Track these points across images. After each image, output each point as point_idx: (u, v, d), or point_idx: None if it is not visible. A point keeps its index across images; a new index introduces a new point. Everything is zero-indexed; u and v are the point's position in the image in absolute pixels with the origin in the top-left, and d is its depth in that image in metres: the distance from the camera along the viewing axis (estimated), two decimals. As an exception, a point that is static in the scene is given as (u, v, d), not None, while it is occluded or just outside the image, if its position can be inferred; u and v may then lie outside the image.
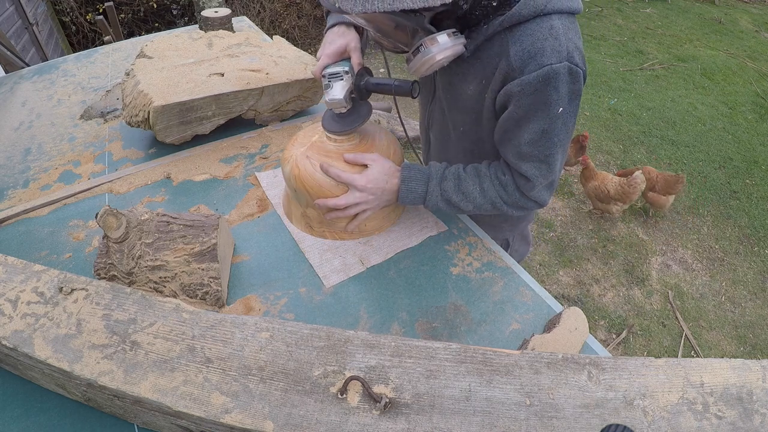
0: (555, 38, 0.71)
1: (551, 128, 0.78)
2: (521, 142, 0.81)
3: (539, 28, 0.72)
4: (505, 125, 0.82)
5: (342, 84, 0.83)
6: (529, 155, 0.82)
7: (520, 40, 0.73)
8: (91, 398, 0.64)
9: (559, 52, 0.71)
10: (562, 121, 0.78)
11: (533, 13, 0.72)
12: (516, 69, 0.74)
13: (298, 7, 4.57)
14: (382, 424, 0.54)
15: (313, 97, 1.30)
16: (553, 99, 0.74)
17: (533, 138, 0.79)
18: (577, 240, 2.68)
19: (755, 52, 4.95)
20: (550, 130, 0.78)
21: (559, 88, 0.73)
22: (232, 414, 0.54)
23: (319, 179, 0.86)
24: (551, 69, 0.71)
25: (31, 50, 3.40)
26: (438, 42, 0.72)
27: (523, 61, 0.73)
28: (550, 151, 0.81)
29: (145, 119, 1.08)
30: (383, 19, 0.73)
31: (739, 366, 0.59)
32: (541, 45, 0.71)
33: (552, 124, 0.77)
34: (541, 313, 0.84)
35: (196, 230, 0.79)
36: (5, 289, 0.68)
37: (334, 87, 0.83)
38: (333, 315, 0.82)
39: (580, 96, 0.78)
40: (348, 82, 0.83)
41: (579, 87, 0.76)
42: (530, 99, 0.75)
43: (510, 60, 0.74)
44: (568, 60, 0.72)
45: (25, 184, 1.07)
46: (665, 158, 3.32)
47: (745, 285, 2.47)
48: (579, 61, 0.74)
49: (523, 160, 0.83)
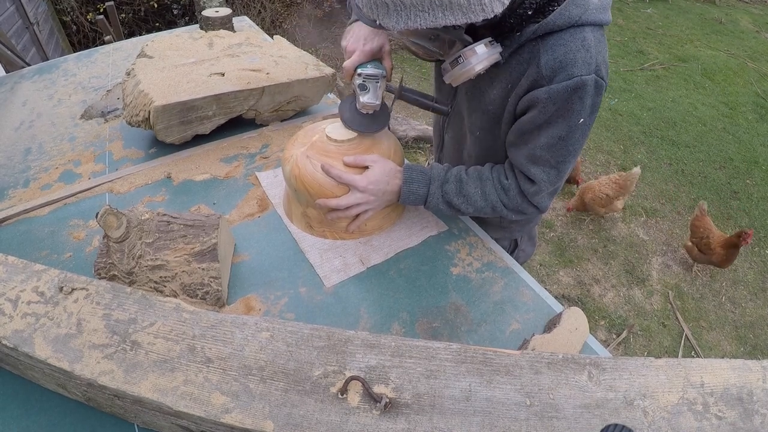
0: (587, 50, 0.72)
1: (569, 136, 0.79)
2: (537, 145, 0.81)
3: (572, 39, 0.72)
4: (523, 128, 0.82)
5: (378, 87, 0.84)
6: (542, 159, 0.82)
7: (552, 49, 0.73)
8: (91, 398, 0.64)
9: (589, 64, 0.72)
10: (581, 131, 0.79)
11: (567, 23, 0.72)
12: (545, 77, 0.74)
13: (298, 7, 4.57)
14: (382, 424, 0.54)
15: (314, 96, 1.30)
16: (577, 109, 0.75)
17: (550, 143, 0.80)
18: (578, 240, 2.68)
19: (756, 52, 4.95)
20: (568, 138, 0.79)
21: (584, 99, 0.74)
22: (232, 414, 0.54)
23: (320, 179, 0.86)
24: (580, 80, 0.72)
25: (32, 50, 3.41)
26: (477, 53, 0.73)
27: (554, 70, 0.73)
28: (563, 158, 0.82)
29: (145, 119, 1.08)
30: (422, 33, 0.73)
31: (739, 366, 0.59)
32: (573, 56, 0.72)
33: (571, 132, 0.78)
34: (541, 313, 0.84)
35: (197, 230, 0.79)
36: (5, 288, 0.68)
37: (370, 90, 0.83)
38: (333, 315, 0.81)
39: (598, 109, 0.79)
40: (383, 86, 0.84)
41: (600, 100, 0.77)
42: (555, 107, 0.75)
43: (540, 67, 0.74)
44: (596, 73, 0.73)
45: (26, 184, 1.07)
46: (665, 158, 3.32)
47: (745, 285, 2.47)
48: (604, 75, 0.75)
49: (534, 164, 0.83)
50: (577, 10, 0.72)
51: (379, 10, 0.64)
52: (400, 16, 0.63)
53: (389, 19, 0.64)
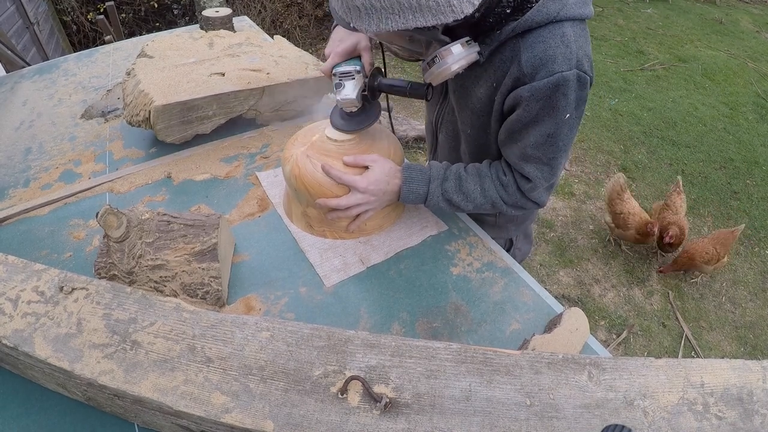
0: (566, 46, 0.72)
1: (557, 133, 0.79)
2: (527, 144, 0.81)
3: (551, 36, 0.72)
4: (511, 127, 0.83)
5: (354, 83, 0.83)
6: (534, 157, 0.82)
7: (531, 46, 0.74)
8: (91, 397, 0.64)
9: (569, 59, 0.72)
10: (568, 126, 0.79)
11: (546, 19, 0.72)
12: (527, 75, 0.75)
13: (299, 7, 4.57)
14: (382, 424, 0.54)
15: (314, 96, 1.30)
16: (562, 105, 0.75)
17: (539, 141, 0.80)
18: (578, 240, 2.68)
19: (756, 52, 4.94)
20: (556, 135, 0.79)
21: (568, 95, 0.74)
22: (232, 413, 0.54)
23: (320, 178, 0.86)
24: (561, 77, 0.72)
25: (32, 50, 3.41)
26: (452, 53, 0.74)
27: (534, 67, 0.74)
28: (554, 155, 0.82)
29: (145, 119, 1.08)
30: (397, 35, 0.74)
31: (739, 366, 0.59)
32: (553, 53, 0.72)
33: (558, 129, 0.78)
34: (541, 313, 0.84)
35: (197, 230, 0.79)
36: (6, 288, 0.68)
37: (345, 86, 0.83)
38: (333, 315, 0.81)
39: (585, 102, 0.79)
40: (360, 81, 0.84)
41: (586, 93, 0.77)
42: (539, 104, 0.76)
43: (521, 66, 0.75)
44: (577, 67, 0.73)
45: (26, 184, 1.07)
46: (666, 159, 3.32)
47: (745, 285, 2.47)
48: (587, 68, 0.75)
49: (526, 162, 0.84)
50: (555, 5, 0.72)
51: (352, 13, 0.66)
52: (372, 19, 0.64)
53: (362, 22, 0.66)
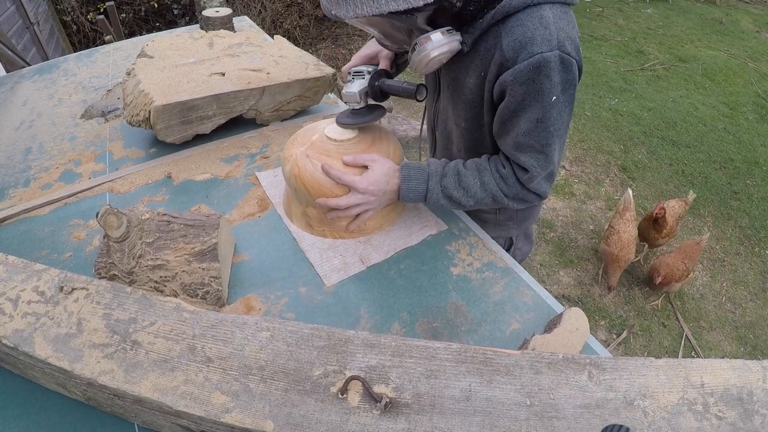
0: (545, 27, 0.72)
1: (546, 117, 0.79)
2: (518, 132, 0.81)
3: (529, 18, 0.73)
4: (502, 116, 0.83)
5: (361, 81, 0.89)
6: (527, 146, 0.82)
7: (511, 30, 0.74)
8: (91, 397, 0.64)
9: (549, 41, 0.72)
10: (557, 110, 0.78)
11: (523, 3, 0.73)
12: (509, 59, 0.75)
13: (299, 7, 4.57)
14: (382, 424, 0.54)
15: (314, 96, 1.30)
16: (546, 87, 0.75)
17: (529, 128, 0.80)
18: (578, 240, 2.68)
19: (756, 52, 4.94)
20: (545, 119, 0.79)
21: (551, 77, 0.74)
22: (232, 413, 0.54)
23: (319, 178, 0.86)
24: (542, 57, 0.72)
25: (32, 50, 3.41)
26: (432, 40, 0.75)
27: (515, 51, 0.74)
28: (547, 141, 0.82)
29: (146, 118, 1.08)
30: (378, 22, 0.77)
31: (739, 366, 0.59)
32: (531, 34, 0.73)
33: (547, 113, 0.78)
34: (541, 313, 0.84)
35: (197, 230, 0.79)
36: (6, 288, 0.68)
37: (353, 83, 0.90)
38: (333, 315, 0.81)
39: (574, 86, 0.78)
40: (367, 81, 0.89)
41: (573, 77, 0.77)
42: (523, 88, 0.76)
43: (503, 51, 0.76)
44: (558, 49, 0.73)
45: (26, 184, 1.07)
46: (666, 159, 3.32)
47: (745, 285, 2.47)
48: (571, 51, 0.75)
49: (521, 152, 0.84)
50: None
51: (331, 2, 0.71)
52: (348, 6, 0.69)
53: (339, 9, 0.70)
